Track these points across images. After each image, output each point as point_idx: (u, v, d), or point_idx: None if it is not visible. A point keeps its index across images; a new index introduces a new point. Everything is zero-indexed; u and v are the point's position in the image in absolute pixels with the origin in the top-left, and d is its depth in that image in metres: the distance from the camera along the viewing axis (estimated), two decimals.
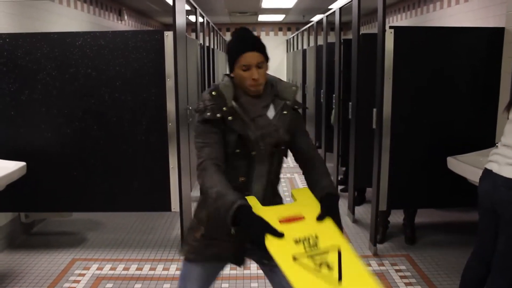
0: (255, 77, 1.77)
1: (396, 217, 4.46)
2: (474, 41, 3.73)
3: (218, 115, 1.77)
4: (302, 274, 1.41)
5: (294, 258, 1.45)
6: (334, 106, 5.30)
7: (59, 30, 4.52)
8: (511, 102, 2.41)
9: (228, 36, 12.10)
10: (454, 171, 3.32)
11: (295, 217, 1.64)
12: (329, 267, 1.44)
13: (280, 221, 1.60)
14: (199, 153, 1.77)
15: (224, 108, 1.79)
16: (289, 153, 1.96)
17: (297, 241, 1.52)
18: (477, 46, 3.74)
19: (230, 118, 1.79)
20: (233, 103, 1.81)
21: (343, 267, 1.41)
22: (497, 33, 3.72)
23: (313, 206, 1.72)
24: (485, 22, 4.64)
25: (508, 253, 2.32)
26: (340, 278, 1.39)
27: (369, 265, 3.60)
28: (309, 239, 1.54)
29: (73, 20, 5.60)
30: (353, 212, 4.53)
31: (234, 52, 1.80)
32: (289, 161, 7.21)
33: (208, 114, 1.77)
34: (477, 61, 3.73)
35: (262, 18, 10.69)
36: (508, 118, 2.41)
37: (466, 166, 3.15)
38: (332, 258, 1.45)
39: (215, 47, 7.99)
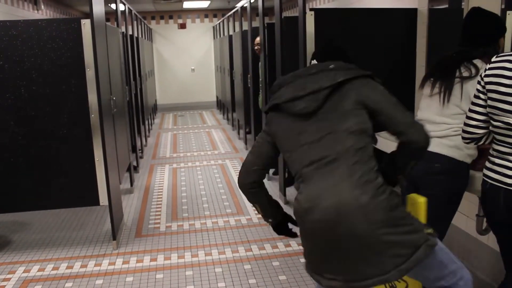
0: None
1: None
2: (391, 22, 3.88)
3: None
4: None
5: None
6: (261, 91, 5.34)
7: None
8: (425, 79, 2.53)
9: (153, 25, 11.82)
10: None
11: None
12: None
13: None
14: None
15: None
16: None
17: None
18: (394, 26, 3.89)
19: None
20: None
21: None
22: (411, 13, 3.88)
23: None
24: (401, 3, 4.82)
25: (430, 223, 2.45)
26: None
27: None
28: None
29: None
30: (284, 194, 4.60)
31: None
32: (220, 147, 7.23)
33: None
34: (394, 41, 3.88)
35: (187, 5, 10.51)
36: (423, 94, 2.53)
37: (387, 142, 3.28)
38: None
39: (140, 35, 7.80)
